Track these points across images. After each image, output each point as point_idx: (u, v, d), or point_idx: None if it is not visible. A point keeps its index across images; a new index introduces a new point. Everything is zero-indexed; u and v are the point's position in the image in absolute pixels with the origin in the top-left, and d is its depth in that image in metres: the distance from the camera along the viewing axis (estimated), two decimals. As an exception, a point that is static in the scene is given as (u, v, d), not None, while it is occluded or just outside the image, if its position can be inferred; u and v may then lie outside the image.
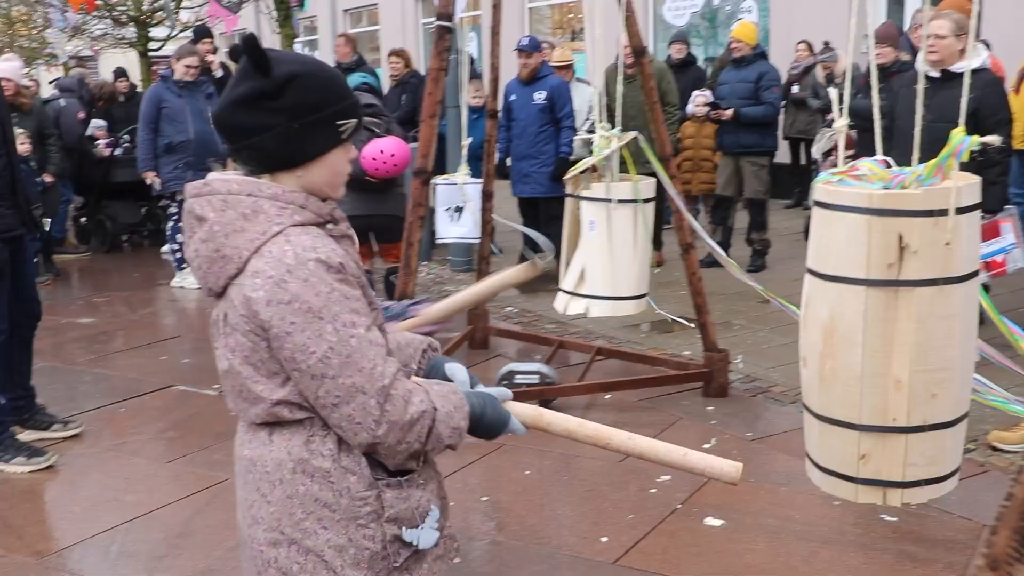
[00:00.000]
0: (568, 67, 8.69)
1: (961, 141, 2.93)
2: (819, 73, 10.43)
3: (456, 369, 2.07)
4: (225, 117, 1.84)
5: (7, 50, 19.13)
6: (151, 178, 8.51)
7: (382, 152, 5.87)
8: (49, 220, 8.99)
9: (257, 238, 1.78)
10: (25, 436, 4.80)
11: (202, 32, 10.50)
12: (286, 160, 1.83)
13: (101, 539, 3.87)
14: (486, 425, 1.96)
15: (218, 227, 1.80)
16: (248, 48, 1.79)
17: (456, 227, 7.42)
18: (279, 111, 1.79)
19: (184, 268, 8.73)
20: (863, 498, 3.19)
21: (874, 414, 3.06)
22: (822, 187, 3.11)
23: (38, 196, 8.75)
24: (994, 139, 3.10)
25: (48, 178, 9.04)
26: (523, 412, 2.08)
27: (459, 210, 7.23)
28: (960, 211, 2.88)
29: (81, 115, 10.28)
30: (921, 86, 3.24)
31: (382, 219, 6.16)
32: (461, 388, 1.97)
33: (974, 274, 3.00)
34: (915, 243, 2.88)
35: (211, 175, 1.86)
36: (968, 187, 2.95)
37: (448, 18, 4.81)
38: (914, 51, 6.47)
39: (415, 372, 2.06)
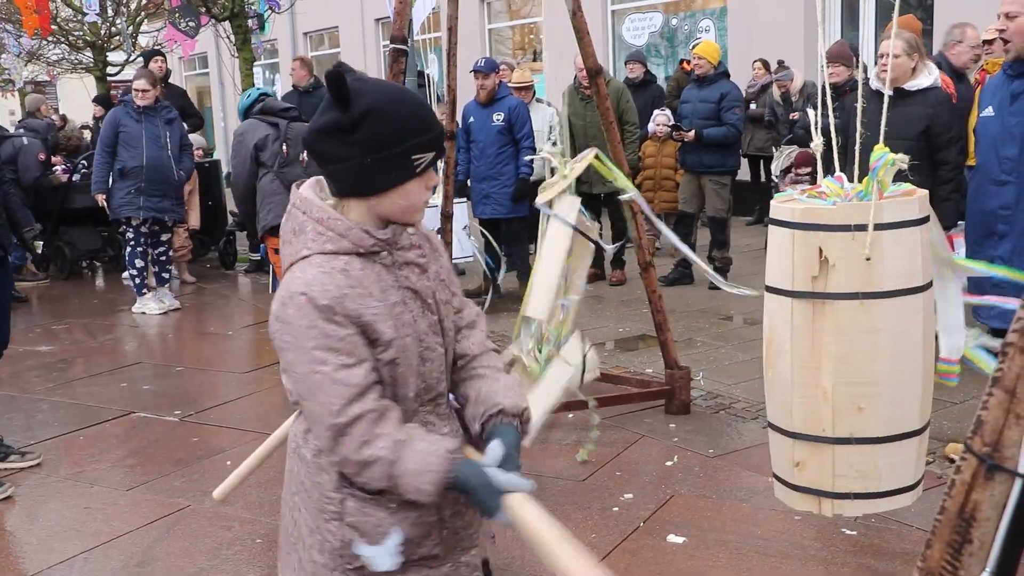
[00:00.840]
0: (528, 88, 8.74)
1: (878, 158, 2.98)
2: (775, 92, 10.56)
3: (493, 446, 1.94)
4: (309, 142, 1.93)
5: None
6: (100, 201, 8.47)
7: None
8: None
9: (293, 255, 1.92)
10: None
11: (151, 53, 10.49)
12: (358, 190, 1.91)
13: (60, 569, 3.82)
14: (473, 502, 1.88)
15: (284, 229, 1.98)
16: (329, 81, 1.85)
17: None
18: (354, 144, 1.86)
19: (144, 293, 8.66)
20: (800, 505, 3.25)
21: (805, 423, 3.13)
22: (773, 204, 3.18)
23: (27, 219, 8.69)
24: (904, 157, 3.12)
25: None
26: (521, 512, 1.89)
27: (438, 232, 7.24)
28: (886, 227, 2.92)
29: (42, 156, 10.15)
30: (884, 103, 3.27)
31: None
32: (486, 464, 1.89)
33: (914, 290, 3.03)
34: (834, 257, 2.94)
35: (309, 180, 1.98)
36: (899, 203, 2.99)
37: (403, 40, 4.83)
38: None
39: (477, 432, 2.02)
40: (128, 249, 8.70)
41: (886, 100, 3.29)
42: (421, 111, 1.92)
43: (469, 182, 8.33)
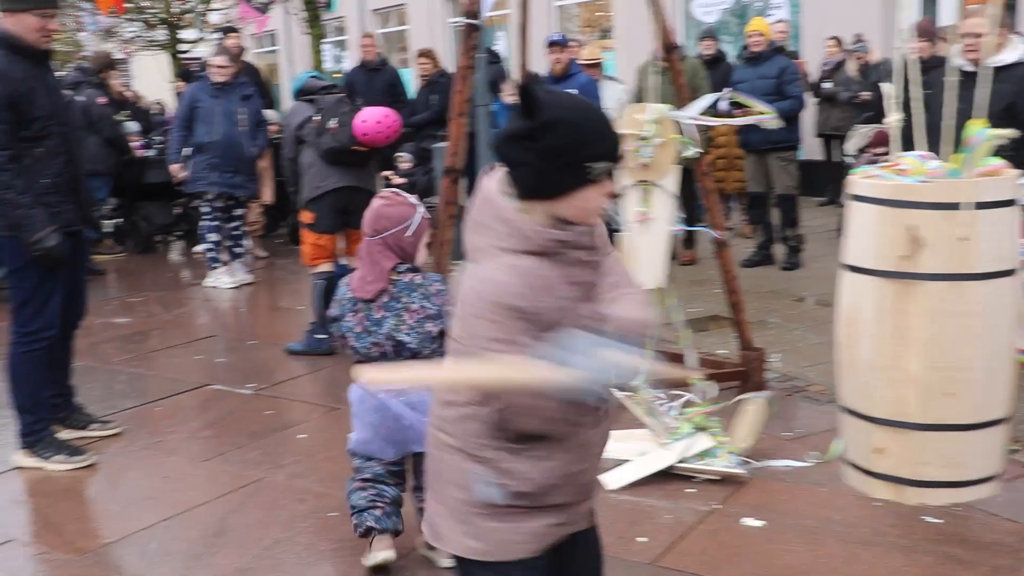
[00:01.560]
0: (597, 65, 8.66)
1: (977, 133, 2.88)
2: (851, 67, 10.32)
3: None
4: (497, 145, 2.10)
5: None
6: (176, 172, 8.62)
7: (379, 122, 6.01)
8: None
9: (484, 247, 2.07)
10: (64, 435, 4.83)
11: (227, 30, 10.53)
12: (535, 193, 2.05)
13: (139, 537, 3.89)
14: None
15: (472, 217, 2.11)
16: (521, 91, 2.03)
17: None
18: (534, 151, 2.02)
19: (216, 268, 8.78)
20: (879, 493, 3.18)
21: (887, 407, 3.04)
22: (852, 178, 3.09)
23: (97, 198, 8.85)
24: (1009, 132, 3.03)
25: None
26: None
27: None
28: (985, 206, 2.82)
29: (101, 100, 9.93)
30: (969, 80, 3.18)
31: (363, 194, 6.04)
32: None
33: (1007, 273, 2.93)
34: (927, 236, 2.84)
35: (496, 175, 2.11)
36: (996, 182, 2.89)
37: (475, 16, 4.80)
38: None
39: None
40: (203, 223, 8.81)
41: (979, 78, 3.17)
42: (599, 123, 2.07)
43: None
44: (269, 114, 10.44)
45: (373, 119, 6.09)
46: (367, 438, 3.44)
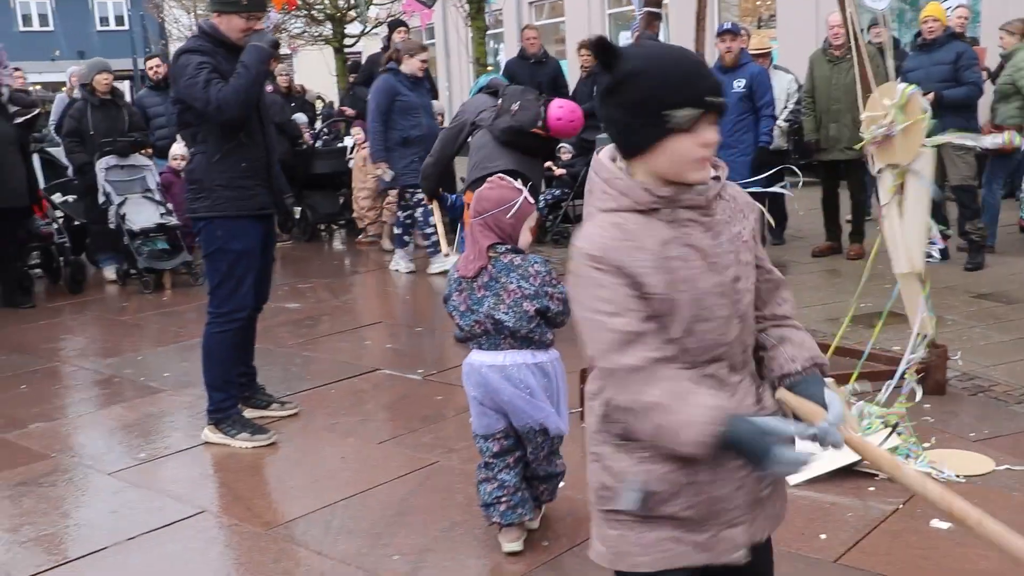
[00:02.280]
0: (767, 54, 8.49)
1: None
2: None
3: (832, 399, 1.98)
4: (596, 107, 2.04)
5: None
6: (384, 169, 8.69)
7: (572, 111, 5.95)
8: None
9: (590, 212, 2.02)
10: (246, 414, 5.05)
11: (396, 23, 10.75)
12: (628, 150, 1.98)
13: (322, 514, 4.02)
14: (746, 455, 1.87)
15: (585, 186, 2.09)
16: (593, 46, 1.95)
17: None
18: (617, 106, 1.95)
19: (438, 254, 8.96)
20: None
21: None
22: None
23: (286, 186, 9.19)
24: None
25: None
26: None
27: None
28: None
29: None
30: None
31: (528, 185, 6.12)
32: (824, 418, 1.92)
33: None
34: None
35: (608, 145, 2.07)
36: None
37: (657, 3, 4.76)
38: None
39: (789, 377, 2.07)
40: (420, 211, 8.82)
41: None
42: (680, 69, 1.93)
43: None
44: (436, 104, 10.63)
45: (568, 108, 6.01)
46: (477, 413, 3.57)
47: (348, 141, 9.27)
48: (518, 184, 3.56)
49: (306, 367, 6.19)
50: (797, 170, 7.89)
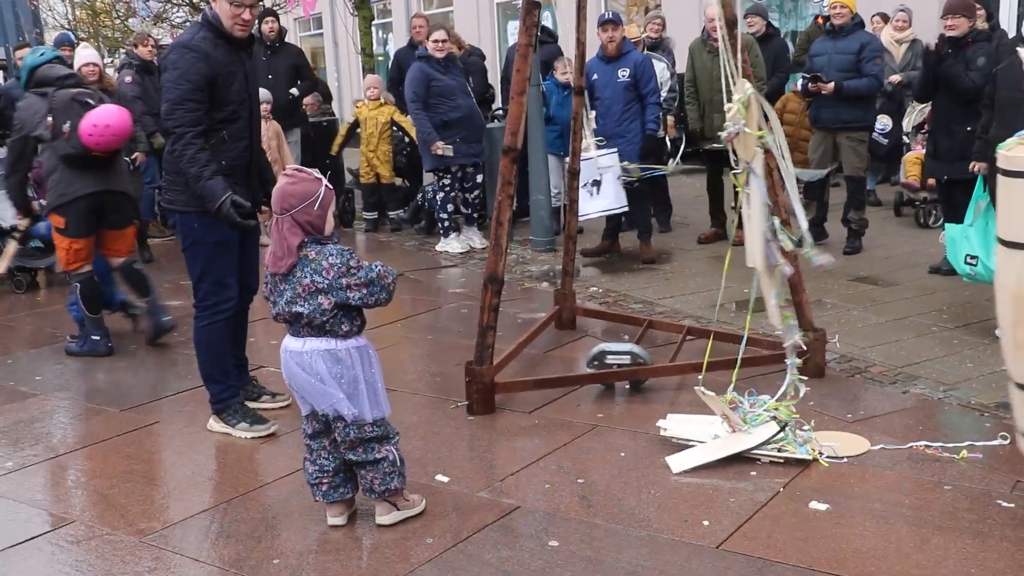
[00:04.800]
0: (638, 43, 8.60)
1: None
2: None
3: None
4: None
5: (91, 41, 19.54)
6: (442, 147, 8.67)
7: (96, 125, 5.89)
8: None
9: None
10: None
11: (264, 14, 10.53)
12: None
13: (201, 518, 3.89)
14: None
15: None
16: None
17: (598, 201, 7.38)
18: None
19: (450, 236, 9.16)
20: None
21: None
22: (1004, 155, 2.99)
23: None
24: None
25: (140, 158, 9.09)
26: None
27: (596, 184, 7.19)
28: None
29: (128, 79, 9.76)
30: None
31: (114, 196, 6.16)
32: None
33: None
34: None
35: None
36: None
37: (536, -6, 4.73)
38: None
39: None
40: (441, 195, 9.05)
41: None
42: None
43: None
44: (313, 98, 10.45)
45: (103, 123, 5.90)
46: (295, 396, 3.78)
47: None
48: (316, 173, 3.64)
49: (187, 366, 5.99)
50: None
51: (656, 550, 3.47)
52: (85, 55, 8.92)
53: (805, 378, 4.48)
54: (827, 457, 4.11)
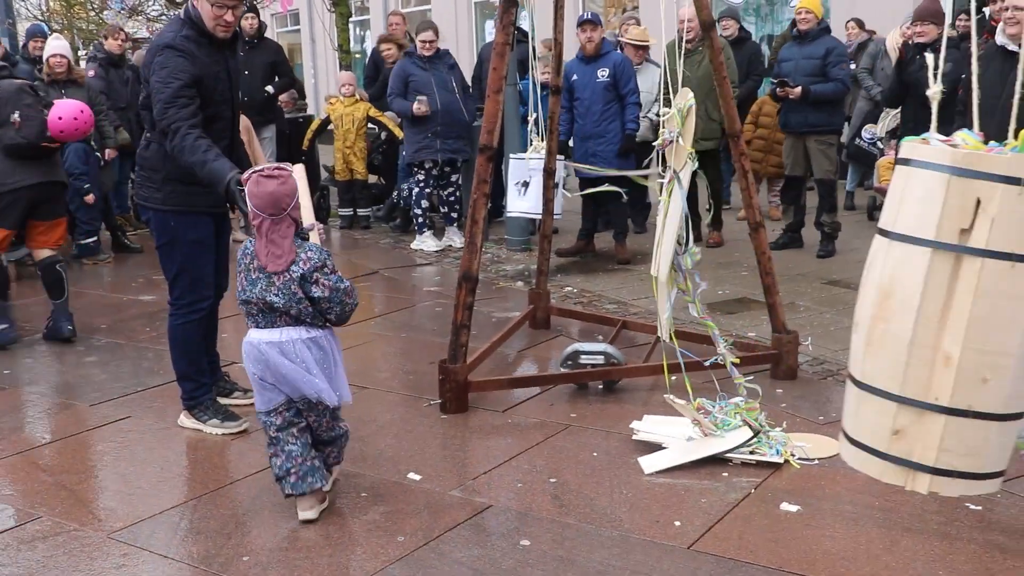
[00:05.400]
0: (647, 47, 8.61)
1: None
2: (891, 42, 10.02)
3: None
4: None
5: (65, 32, 19.35)
6: (419, 103, 8.71)
7: (62, 118, 6.14)
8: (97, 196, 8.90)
9: None
10: None
11: (248, 8, 10.46)
12: None
13: (170, 514, 3.86)
14: None
15: None
16: None
17: (522, 201, 7.44)
18: None
19: (424, 232, 9.18)
20: (888, 478, 3.01)
21: (916, 387, 2.88)
22: (907, 144, 2.99)
23: (98, 175, 8.79)
24: None
25: (111, 153, 9.04)
26: None
27: (526, 184, 7.22)
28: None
29: (91, 72, 9.66)
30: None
31: (50, 186, 6.29)
32: None
33: None
34: (993, 210, 2.72)
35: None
36: None
37: (514, -8, 4.73)
38: None
39: None
40: (416, 191, 9.11)
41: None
42: None
43: (571, 142, 8.23)
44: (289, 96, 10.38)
45: (70, 115, 6.15)
46: (257, 390, 3.73)
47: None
48: (287, 166, 3.71)
49: (158, 361, 5.95)
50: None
51: (628, 550, 3.47)
52: (54, 46, 8.88)
53: (750, 378, 4.50)
54: (798, 459, 4.13)
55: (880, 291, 2.99)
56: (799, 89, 7.83)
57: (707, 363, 4.65)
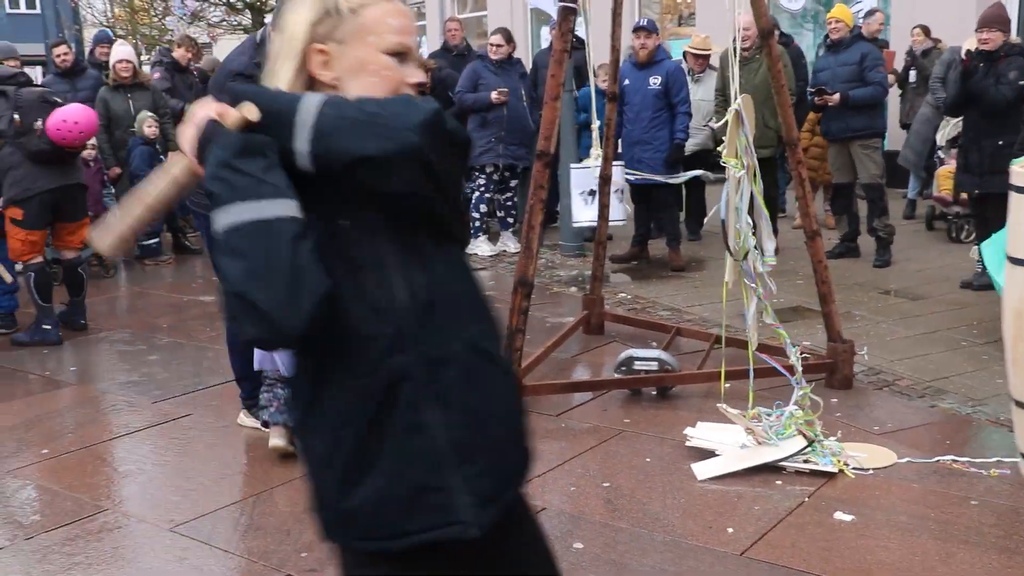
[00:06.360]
0: (708, 56, 8.61)
1: None
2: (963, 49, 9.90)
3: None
4: None
5: (129, 38, 19.77)
6: (498, 93, 8.76)
7: (65, 121, 6.26)
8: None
9: None
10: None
11: None
12: None
13: (231, 510, 3.96)
14: None
15: None
16: None
17: (589, 211, 7.44)
18: None
19: (479, 237, 9.20)
20: None
21: None
22: (1017, 171, 3.00)
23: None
24: None
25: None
26: None
27: (592, 193, 7.24)
28: None
29: (157, 75, 9.96)
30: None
31: (71, 189, 6.52)
32: None
33: None
34: None
35: None
36: None
37: (572, 0, 4.77)
38: None
39: None
40: (476, 195, 9.13)
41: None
42: None
43: (620, 146, 8.25)
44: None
45: (72, 119, 6.29)
46: (260, 357, 4.40)
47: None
48: None
49: (218, 361, 6.06)
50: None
51: (680, 555, 3.49)
52: (120, 51, 9.13)
53: (809, 387, 4.48)
54: (853, 468, 4.12)
55: (1014, 313, 3.14)
56: (837, 96, 7.81)
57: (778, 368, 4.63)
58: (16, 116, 6.26)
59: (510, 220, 9.27)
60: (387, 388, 1.67)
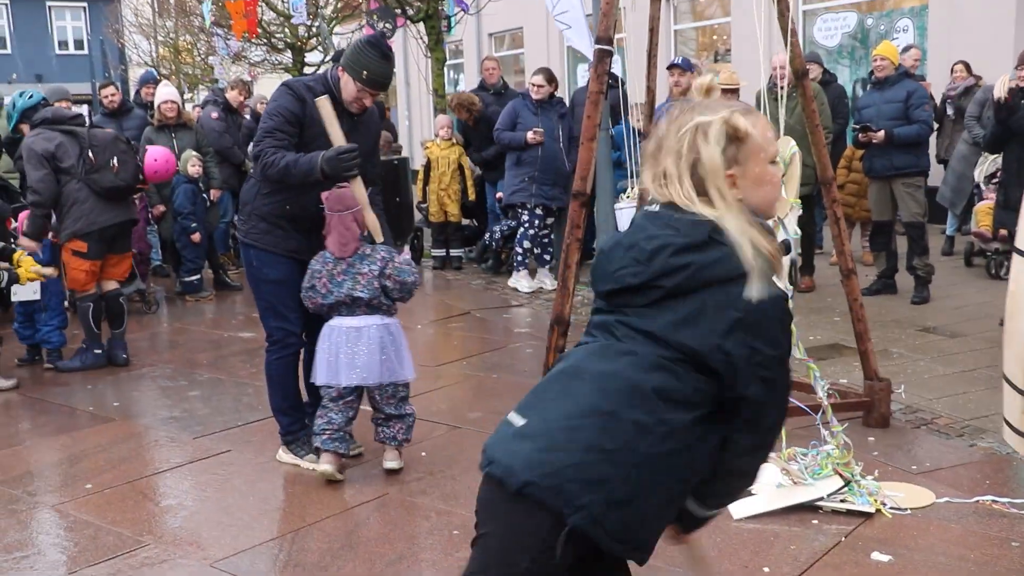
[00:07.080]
0: (736, 91, 8.63)
1: None
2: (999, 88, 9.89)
3: None
4: None
5: (173, 77, 20.18)
6: (534, 133, 8.93)
7: (156, 160, 7.62)
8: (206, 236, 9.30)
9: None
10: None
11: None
12: None
13: (269, 546, 4.01)
14: None
15: None
16: None
17: None
18: None
19: (521, 271, 9.35)
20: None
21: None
22: None
23: (204, 215, 9.16)
24: None
25: (216, 194, 9.45)
26: None
27: None
28: None
29: (215, 115, 10.18)
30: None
31: (127, 224, 7.02)
32: None
33: None
34: None
35: None
36: None
37: (608, 41, 4.83)
38: None
39: None
40: (521, 230, 9.28)
41: None
42: None
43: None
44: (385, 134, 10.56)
45: (163, 158, 7.55)
46: (324, 366, 4.53)
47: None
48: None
49: (258, 397, 6.14)
50: None
51: (715, 595, 3.48)
52: (165, 92, 9.38)
53: (841, 427, 4.47)
54: (890, 508, 4.10)
55: (1011, 295, 3.37)
56: (882, 133, 7.79)
57: (807, 408, 4.63)
58: (91, 154, 6.66)
59: (547, 257, 9.32)
60: None
